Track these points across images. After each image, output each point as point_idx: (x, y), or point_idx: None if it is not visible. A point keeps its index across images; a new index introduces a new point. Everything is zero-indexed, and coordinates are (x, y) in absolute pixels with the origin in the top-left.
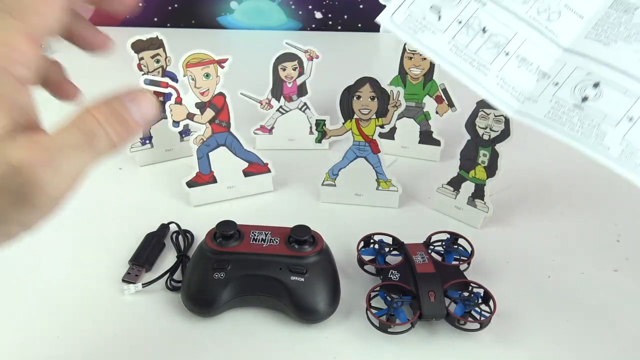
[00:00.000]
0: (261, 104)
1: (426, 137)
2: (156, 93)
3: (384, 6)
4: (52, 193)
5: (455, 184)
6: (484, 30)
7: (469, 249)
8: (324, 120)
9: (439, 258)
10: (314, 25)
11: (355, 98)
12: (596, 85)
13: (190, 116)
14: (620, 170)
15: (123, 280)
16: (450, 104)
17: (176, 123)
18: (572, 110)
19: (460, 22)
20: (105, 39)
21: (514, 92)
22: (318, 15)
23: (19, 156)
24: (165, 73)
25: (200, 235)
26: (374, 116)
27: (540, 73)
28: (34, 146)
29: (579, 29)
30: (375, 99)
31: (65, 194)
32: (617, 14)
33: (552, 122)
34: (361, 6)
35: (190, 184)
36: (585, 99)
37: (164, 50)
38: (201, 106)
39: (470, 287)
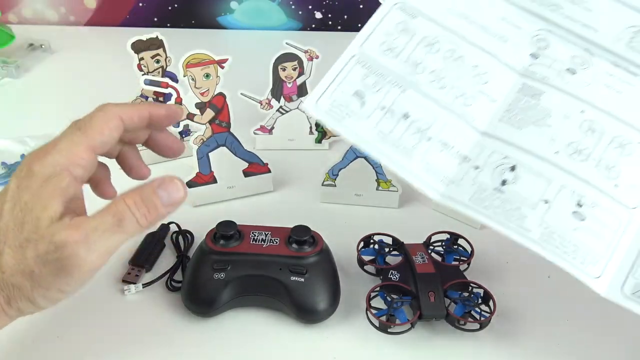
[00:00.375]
0: (261, 104)
1: None
2: (156, 93)
3: None
4: (86, 266)
5: None
6: (405, 116)
7: (469, 249)
8: None
9: (438, 258)
10: (314, 25)
11: None
12: (513, 168)
13: (190, 116)
14: (542, 252)
15: (123, 281)
16: None
17: (176, 123)
18: (493, 194)
19: (383, 109)
20: (146, 171)
21: (438, 176)
22: (318, 15)
23: (62, 235)
24: (165, 73)
25: (200, 235)
26: None
27: (460, 157)
28: (74, 227)
29: (493, 113)
30: None
31: (97, 266)
32: (526, 98)
33: (476, 206)
34: (361, 6)
35: (190, 184)
36: (504, 182)
37: (164, 51)
38: (201, 106)
39: (470, 287)
